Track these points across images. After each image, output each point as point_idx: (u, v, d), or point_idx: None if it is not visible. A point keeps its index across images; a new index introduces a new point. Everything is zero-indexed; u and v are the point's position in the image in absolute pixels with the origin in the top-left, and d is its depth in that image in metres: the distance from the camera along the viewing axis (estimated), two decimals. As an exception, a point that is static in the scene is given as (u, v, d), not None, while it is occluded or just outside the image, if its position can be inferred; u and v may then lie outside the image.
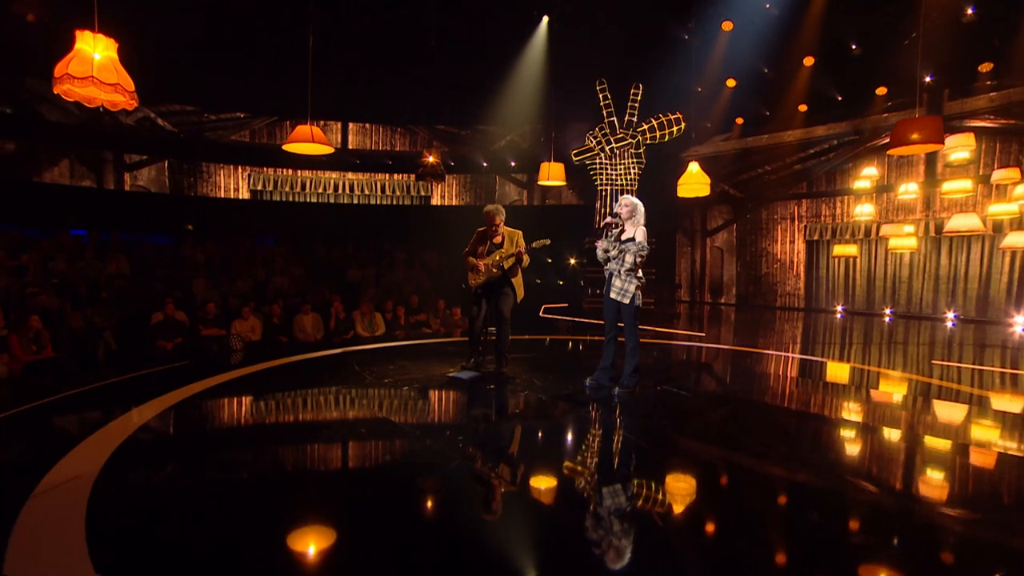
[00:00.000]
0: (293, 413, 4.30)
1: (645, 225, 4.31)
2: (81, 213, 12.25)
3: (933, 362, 6.66)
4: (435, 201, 15.53)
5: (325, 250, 13.45)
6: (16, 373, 5.75)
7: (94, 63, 3.93)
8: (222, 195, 13.95)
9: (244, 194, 14.19)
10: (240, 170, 14.19)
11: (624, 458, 3.21)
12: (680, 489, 2.76)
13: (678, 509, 2.53)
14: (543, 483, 2.81)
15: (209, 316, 8.12)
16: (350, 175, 14.89)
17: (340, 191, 14.80)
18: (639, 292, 4.24)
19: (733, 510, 2.54)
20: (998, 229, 10.55)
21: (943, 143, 5.69)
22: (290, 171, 14.34)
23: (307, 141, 5.91)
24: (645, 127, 11.37)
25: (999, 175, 9.74)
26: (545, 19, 11.89)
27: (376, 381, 5.04)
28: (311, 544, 2.15)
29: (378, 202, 15.19)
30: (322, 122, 14.52)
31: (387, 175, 15.07)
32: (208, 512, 2.44)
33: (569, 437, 3.65)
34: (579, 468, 3.05)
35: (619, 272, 4.24)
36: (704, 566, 2.05)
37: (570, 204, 14.80)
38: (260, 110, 13.55)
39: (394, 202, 15.33)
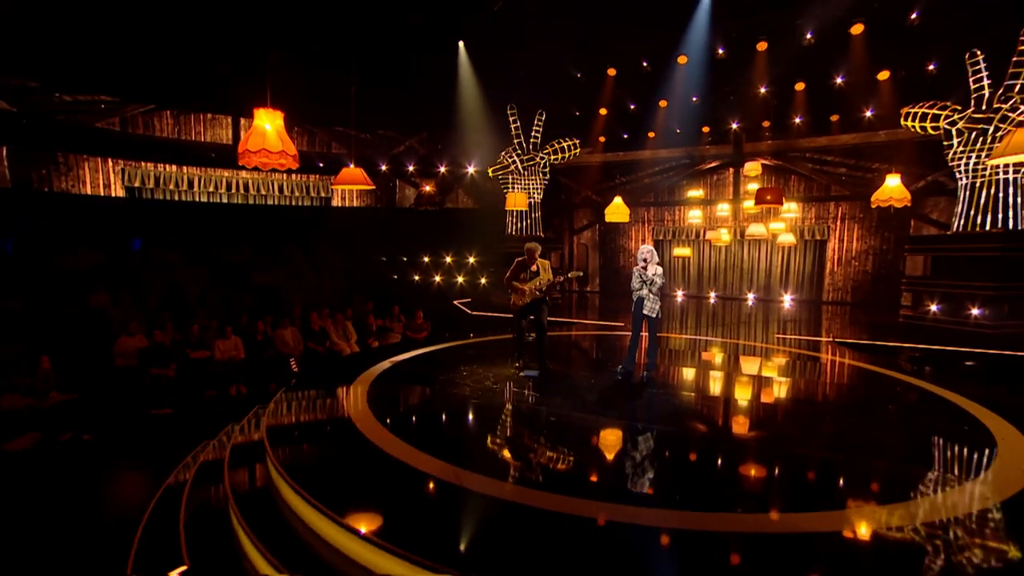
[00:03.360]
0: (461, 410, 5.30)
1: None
2: None
3: (777, 335, 10.17)
4: (335, 202, 15.40)
5: (222, 253, 12.67)
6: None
7: (275, 137, 4.46)
8: (89, 192, 11.85)
9: (118, 191, 12.26)
10: (111, 164, 12.19)
11: (704, 405, 5.30)
12: (746, 411, 5.02)
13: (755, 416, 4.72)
14: (685, 423, 4.76)
15: (193, 339, 7.90)
16: (243, 174, 13.87)
17: (234, 190, 13.72)
18: (660, 308, 6.31)
19: (767, 420, 4.86)
20: (775, 236, 15.37)
21: (783, 204, 8.96)
22: (174, 168, 12.80)
23: (360, 183, 6.46)
24: (549, 149, 13.45)
25: (774, 199, 14.32)
26: (461, 44, 13.07)
27: (475, 384, 6.00)
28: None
29: (275, 202, 14.50)
30: (210, 115, 13.32)
31: (284, 175, 14.47)
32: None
33: (660, 400, 5.55)
34: (686, 411, 5.09)
35: (651, 295, 6.24)
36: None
37: (467, 208, 16.23)
38: (131, 95, 11.90)
39: (292, 202, 14.78)
